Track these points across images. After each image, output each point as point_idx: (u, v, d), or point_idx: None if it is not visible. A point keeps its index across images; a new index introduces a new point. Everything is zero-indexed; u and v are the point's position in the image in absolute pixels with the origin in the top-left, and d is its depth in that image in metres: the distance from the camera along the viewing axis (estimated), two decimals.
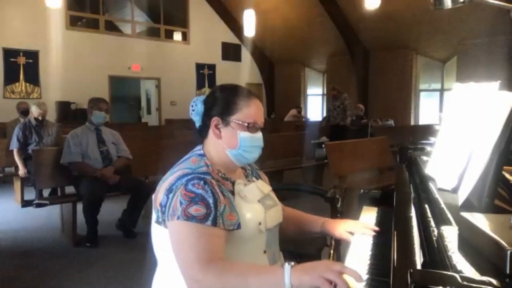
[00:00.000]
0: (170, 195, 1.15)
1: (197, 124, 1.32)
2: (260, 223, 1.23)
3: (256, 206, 1.25)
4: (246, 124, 1.25)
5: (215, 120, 1.26)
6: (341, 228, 1.38)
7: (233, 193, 1.22)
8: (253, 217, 1.22)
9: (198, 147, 1.32)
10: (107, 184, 3.87)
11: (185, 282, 1.09)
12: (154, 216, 1.22)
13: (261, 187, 1.33)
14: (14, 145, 5.01)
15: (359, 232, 1.37)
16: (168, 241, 1.15)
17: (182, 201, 1.11)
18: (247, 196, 1.25)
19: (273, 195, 1.39)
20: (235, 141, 1.26)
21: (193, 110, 1.31)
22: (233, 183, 1.26)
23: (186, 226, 1.09)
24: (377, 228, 1.38)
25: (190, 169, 1.20)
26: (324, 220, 1.44)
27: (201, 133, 1.32)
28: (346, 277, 0.94)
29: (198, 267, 1.04)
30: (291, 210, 1.51)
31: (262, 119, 1.30)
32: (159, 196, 1.19)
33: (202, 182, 1.14)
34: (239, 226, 1.16)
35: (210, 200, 1.12)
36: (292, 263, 1.00)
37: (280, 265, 1.04)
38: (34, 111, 5.11)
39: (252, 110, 1.27)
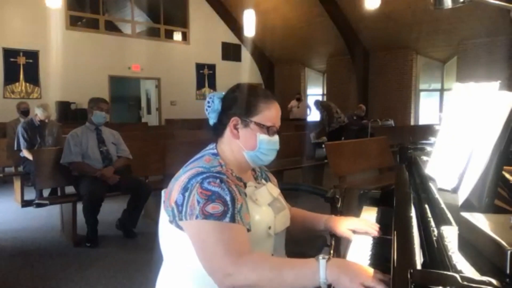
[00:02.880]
0: (186, 194, 1.12)
1: (212, 121, 1.29)
2: (270, 227, 1.22)
3: (266, 209, 1.24)
4: (266, 127, 1.24)
5: (234, 120, 1.24)
6: (343, 226, 1.35)
7: (245, 194, 1.21)
8: (263, 220, 1.20)
9: (211, 146, 1.29)
10: (107, 184, 3.87)
11: (215, 280, 1.05)
12: (164, 215, 1.20)
13: (271, 190, 1.32)
14: (22, 145, 5.03)
15: (361, 229, 1.34)
16: (178, 240, 1.13)
17: (199, 199, 1.09)
18: (258, 200, 1.23)
19: (281, 198, 1.38)
20: (253, 143, 1.25)
21: (209, 107, 1.28)
22: (245, 184, 1.24)
23: (206, 224, 1.07)
24: (378, 228, 1.36)
25: (204, 168, 1.18)
26: (327, 217, 1.42)
27: (216, 131, 1.29)
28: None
29: (229, 261, 1.01)
30: (295, 209, 1.51)
31: (279, 122, 1.30)
32: (173, 194, 1.16)
33: (218, 180, 1.12)
34: (250, 228, 1.15)
35: (227, 198, 1.10)
36: (327, 257, 0.97)
37: (313, 258, 1.00)
38: (40, 113, 5.10)
39: (272, 113, 1.27)
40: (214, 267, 1.05)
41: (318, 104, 9.19)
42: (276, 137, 1.28)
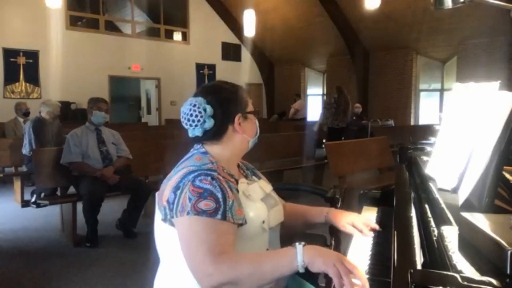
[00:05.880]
0: (178, 192, 1.14)
1: (203, 130, 1.26)
2: (263, 222, 1.24)
3: (259, 205, 1.26)
4: (256, 112, 1.37)
5: (239, 117, 1.30)
6: (343, 220, 1.39)
7: (237, 190, 1.22)
8: (256, 215, 1.22)
9: (198, 146, 1.31)
10: (107, 184, 3.86)
11: (195, 278, 1.08)
12: (158, 215, 1.22)
13: (263, 186, 1.35)
14: (27, 151, 5.04)
15: (358, 227, 1.36)
16: (173, 239, 1.14)
17: (191, 197, 1.11)
18: (251, 195, 1.25)
19: (274, 194, 1.40)
20: (254, 130, 1.36)
21: (201, 116, 1.24)
22: (236, 181, 1.26)
23: (197, 221, 1.09)
24: (377, 227, 1.37)
25: (196, 166, 1.20)
26: (328, 210, 1.45)
27: (213, 135, 1.28)
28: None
29: (209, 261, 1.04)
30: (293, 204, 1.52)
31: None
32: (165, 194, 1.19)
33: (209, 178, 1.14)
34: (246, 221, 1.17)
35: (219, 195, 1.12)
36: (303, 243, 1.02)
37: (290, 246, 1.05)
38: (47, 112, 5.10)
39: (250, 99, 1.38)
40: (195, 265, 1.07)
41: (338, 91, 8.73)
42: None
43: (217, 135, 1.29)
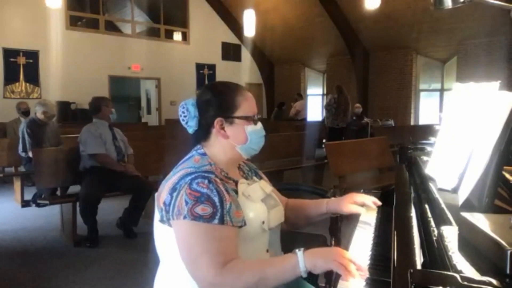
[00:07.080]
0: (174, 194, 1.14)
1: (193, 129, 1.29)
2: (263, 222, 1.23)
3: (259, 205, 1.26)
4: (250, 118, 1.28)
5: (218, 121, 1.26)
6: (344, 202, 1.40)
7: (236, 192, 1.22)
8: (256, 216, 1.22)
9: (198, 146, 1.31)
10: (106, 185, 3.86)
11: (198, 285, 1.09)
12: (157, 215, 1.22)
13: (263, 187, 1.34)
14: (21, 151, 5.02)
15: (360, 202, 1.39)
16: (172, 240, 1.14)
17: (188, 200, 1.10)
18: (251, 196, 1.25)
19: (274, 195, 1.39)
20: (243, 137, 1.28)
21: (185, 116, 1.28)
22: (236, 182, 1.26)
23: (194, 227, 1.09)
24: (378, 202, 1.41)
25: (194, 168, 1.20)
26: (328, 200, 1.46)
27: (199, 136, 1.30)
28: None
29: (214, 272, 1.04)
30: (294, 200, 1.53)
31: (256, 109, 1.34)
32: (162, 195, 1.19)
33: (206, 181, 1.14)
34: (245, 223, 1.17)
35: (216, 199, 1.11)
36: (302, 249, 1.05)
37: (290, 253, 1.07)
38: (41, 112, 5.08)
39: (250, 103, 1.30)
40: (199, 275, 1.08)
41: (338, 91, 8.69)
42: (259, 124, 1.32)
43: (204, 136, 1.30)
